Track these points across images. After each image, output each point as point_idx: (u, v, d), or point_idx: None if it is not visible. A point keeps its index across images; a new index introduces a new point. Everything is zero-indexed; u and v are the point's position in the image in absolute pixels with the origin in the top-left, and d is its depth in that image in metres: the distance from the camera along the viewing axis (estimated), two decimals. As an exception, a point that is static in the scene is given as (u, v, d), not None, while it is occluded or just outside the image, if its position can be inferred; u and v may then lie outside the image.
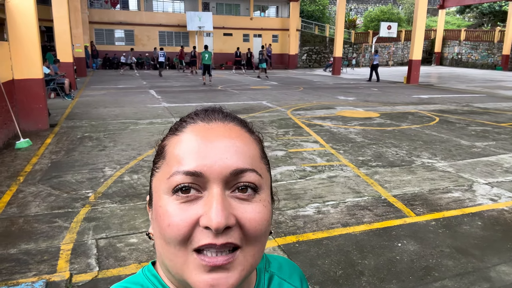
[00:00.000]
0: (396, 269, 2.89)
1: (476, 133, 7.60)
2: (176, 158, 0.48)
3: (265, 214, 0.48)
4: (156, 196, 0.49)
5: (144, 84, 16.74)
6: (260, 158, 0.51)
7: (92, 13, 26.46)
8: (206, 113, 0.52)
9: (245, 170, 0.47)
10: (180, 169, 0.46)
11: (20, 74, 7.15)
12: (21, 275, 2.73)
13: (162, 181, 0.49)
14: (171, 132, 0.53)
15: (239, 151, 0.48)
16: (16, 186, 4.47)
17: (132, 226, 3.50)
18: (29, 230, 3.41)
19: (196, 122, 0.51)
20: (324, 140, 6.85)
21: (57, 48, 13.76)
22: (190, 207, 0.46)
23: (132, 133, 7.18)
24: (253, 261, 0.48)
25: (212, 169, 0.46)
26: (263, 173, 0.51)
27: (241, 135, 0.50)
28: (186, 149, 0.48)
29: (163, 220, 0.46)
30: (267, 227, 0.49)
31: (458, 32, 33.60)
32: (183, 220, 0.45)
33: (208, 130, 0.49)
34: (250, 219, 0.46)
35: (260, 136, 0.56)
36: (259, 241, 0.48)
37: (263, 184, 0.49)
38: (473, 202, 4.17)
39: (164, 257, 0.48)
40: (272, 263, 0.64)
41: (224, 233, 0.44)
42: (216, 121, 0.51)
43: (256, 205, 0.48)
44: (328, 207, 4.02)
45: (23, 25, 6.96)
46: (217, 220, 0.43)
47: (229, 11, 30.90)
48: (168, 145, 0.51)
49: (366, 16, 38.56)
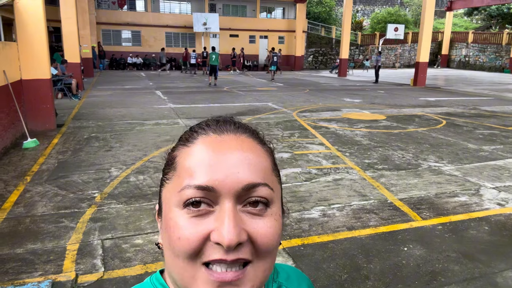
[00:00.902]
0: (402, 273, 2.87)
1: (484, 136, 7.53)
2: (187, 171, 0.47)
3: (277, 228, 0.48)
4: (167, 208, 0.49)
5: (150, 85, 16.81)
6: (272, 171, 0.51)
7: (99, 14, 26.64)
8: (218, 125, 0.51)
9: (257, 185, 0.46)
10: (191, 183, 0.46)
11: (28, 75, 7.22)
12: (28, 275, 2.75)
13: (172, 193, 0.48)
14: (182, 143, 0.52)
15: (251, 164, 0.47)
16: (23, 185, 4.51)
17: (137, 227, 3.51)
18: (36, 230, 3.43)
19: (207, 134, 0.50)
20: (329, 142, 6.83)
21: (65, 49, 13.86)
22: (201, 221, 0.45)
23: (138, 134, 7.21)
24: (263, 276, 0.48)
25: (224, 184, 0.45)
26: (275, 186, 0.50)
27: (253, 147, 0.50)
28: (198, 162, 0.47)
29: (173, 233, 0.46)
30: (278, 241, 0.49)
31: (466, 34, 33.39)
32: (194, 234, 0.44)
33: (220, 143, 0.48)
34: (261, 235, 0.46)
35: (272, 147, 0.55)
36: (269, 256, 0.48)
37: (274, 197, 0.49)
38: (480, 207, 4.13)
39: (172, 269, 0.48)
40: (280, 274, 0.64)
41: (235, 249, 0.44)
42: (228, 133, 0.50)
43: (267, 220, 0.47)
44: (333, 210, 4.00)
45: (31, 25, 7.03)
46: (229, 237, 0.43)
47: (236, 12, 30.96)
48: (178, 156, 0.50)
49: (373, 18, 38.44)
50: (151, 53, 27.91)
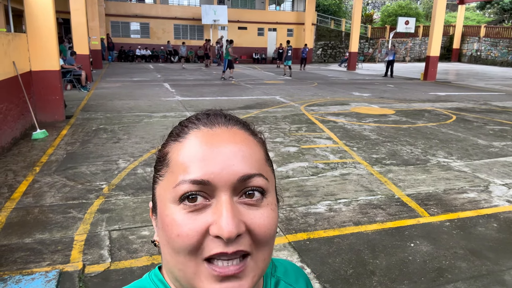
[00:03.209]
0: (408, 269, 2.85)
1: (494, 132, 7.43)
2: (181, 166, 0.47)
3: (273, 218, 0.48)
4: (161, 205, 0.48)
5: (158, 77, 16.84)
6: (265, 161, 0.51)
7: (108, 6, 26.67)
8: (209, 118, 0.51)
9: (252, 176, 0.47)
10: (186, 177, 0.45)
11: (37, 66, 7.26)
12: (36, 265, 2.78)
13: (167, 190, 0.47)
14: (173, 138, 0.51)
15: (245, 156, 0.47)
16: (32, 176, 4.55)
17: (144, 219, 3.54)
18: (44, 220, 3.47)
19: (198, 128, 0.50)
20: (337, 136, 6.79)
21: (74, 41, 13.90)
22: (198, 216, 0.45)
23: (146, 126, 7.24)
24: (264, 265, 0.48)
25: (220, 177, 0.45)
26: (269, 176, 0.50)
27: (245, 139, 0.50)
28: (191, 156, 0.46)
29: (171, 230, 0.45)
30: (275, 231, 0.49)
31: (478, 28, 32.83)
32: (193, 229, 0.44)
33: (212, 136, 0.48)
34: (259, 225, 0.46)
35: (263, 138, 0.55)
36: (268, 245, 0.48)
37: (269, 187, 0.49)
38: (489, 203, 4.08)
39: (172, 266, 0.48)
40: (278, 268, 0.64)
41: (234, 241, 0.44)
42: (219, 125, 0.50)
43: (264, 210, 0.47)
44: (340, 205, 3.99)
45: (40, 17, 7.06)
46: (228, 229, 0.43)
47: (244, 4, 30.76)
48: (170, 152, 0.50)
49: (383, 11, 37.97)
50: (159, 45, 27.91)
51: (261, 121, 7.91)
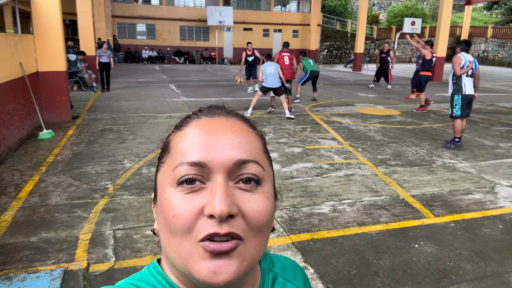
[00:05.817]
0: (412, 270, 2.84)
1: (501, 133, 7.37)
2: (180, 151, 0.49)
3: (268, 205, 0.49)
4: (161, 189, 0.50)
5: (164, 78, 16.90)
6: (263, 152, 0.53)
7: (114, 7, 26.83)
8: (210, 109, 0.54)
9: (248, 161, 0.48)
10: (184, 160, 0.47)
11: (44, 67, 7.33)
12: (41, 263, 2.81)
13: (167, 174, 0.50)
14: (176, 128, 0.54)
15: (242, 142, 0.49)
16: (38, 176, 4.60)
17: (148, 218, 3.55)
18: (50, 219, 3.50)
19: (200, 118, 0.53)
20: (342, 137, 6.78)
21: (81, 42, 14.00)
22: (194, 197, 0.46)
23: (151, 127, 7.27)
24: (254, 253, 0.48)
25: (216, 160, 0.47)
26: (266, 166, 0.52)
27: (244, 128, 0.52)
28: (190, 142, 0.49)
29: (168, 211, 0.47)
30: (269, 219, 0.49)
31: (485, 29, 32.56)
32: (188, 209, 0.46)
33: (211, 124, 0.51)
34: (253, 209, 0.47)
35: (262, 133, 0.57)
36: (261, 233, 0.48)
37: (265, 176, 0.50)
38: (494, 205, 4.05)
39: (168, 249, 0.48)
40: (276, 264, 0.65)
41: (227, 222, 0.45)
42: (219, 116, 0.53)
43: (259, 196, 0.48)
44: (344, 205, 3.98)
45: (47, 18, 7.12)
46: (221, 208, 0.44)
47: (250, 5, 30.78)
48: (173, 140, 0.53)
49: (389, 12, 37.79)
50: (165, 47, 28.02)
51: (265, 122, 7.91)
